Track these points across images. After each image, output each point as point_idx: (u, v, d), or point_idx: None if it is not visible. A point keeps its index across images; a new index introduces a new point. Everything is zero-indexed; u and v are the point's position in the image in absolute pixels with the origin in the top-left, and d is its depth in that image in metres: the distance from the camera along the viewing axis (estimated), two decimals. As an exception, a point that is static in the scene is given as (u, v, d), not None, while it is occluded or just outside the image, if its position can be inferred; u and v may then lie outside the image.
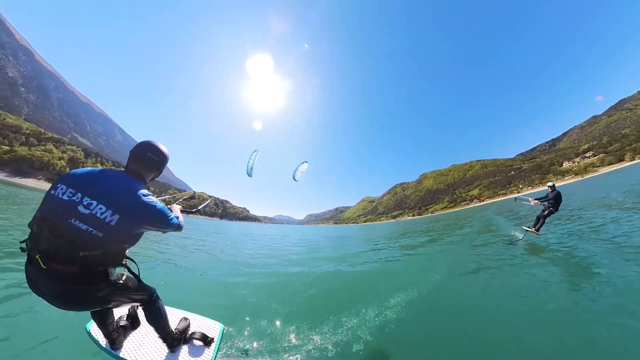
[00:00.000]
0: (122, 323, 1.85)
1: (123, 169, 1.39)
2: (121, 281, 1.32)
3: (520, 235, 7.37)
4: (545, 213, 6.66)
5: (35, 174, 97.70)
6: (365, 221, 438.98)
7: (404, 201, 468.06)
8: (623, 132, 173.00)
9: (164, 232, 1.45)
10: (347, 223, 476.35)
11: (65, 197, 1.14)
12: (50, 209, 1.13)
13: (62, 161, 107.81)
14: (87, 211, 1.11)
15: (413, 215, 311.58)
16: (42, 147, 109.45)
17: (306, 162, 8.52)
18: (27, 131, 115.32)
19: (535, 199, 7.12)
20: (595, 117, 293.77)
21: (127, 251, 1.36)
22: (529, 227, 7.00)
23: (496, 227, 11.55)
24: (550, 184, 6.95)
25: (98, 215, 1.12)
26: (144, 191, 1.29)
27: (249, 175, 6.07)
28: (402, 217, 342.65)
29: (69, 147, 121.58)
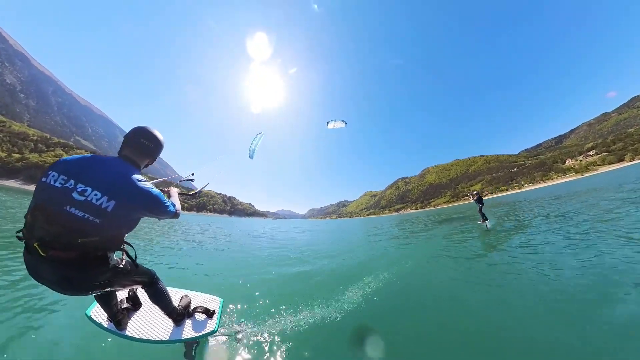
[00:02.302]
0: (124, 305, 1.92)
1: (116, 155, 1.36)
2: (121, 265, 1.33)
3: (485, 226, 10.48)
4: (479, 209, 10.45)
5: None
6: (368, 215, 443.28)
7: (407, 195, 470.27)
8: (628, 131, 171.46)
9: (160, 219, 1.43)
10: (350, 217, 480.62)
11: (57, 185, 1.12)
12: (43, 197, 1.11)
13: None
14: (82, 198, 1.10)
15: (416, 209, 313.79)
16: (52, 153, 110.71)
17: (345, 122, 8.51)
18: (35, 137, 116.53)
19: (472, 198, 11.15)
20: (605, 114, 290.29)
21: (125, 236, 1.35)
22: (480, 221, 10.69)
23: (473, 221, 14.31)
24: (475, 192, 10.90)
25: (94, 201, 1.11)
26: (139, 177, 1.28)
27: (251, 157, 5.80)
28: (405, 210, 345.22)
29: (78, 151, 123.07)
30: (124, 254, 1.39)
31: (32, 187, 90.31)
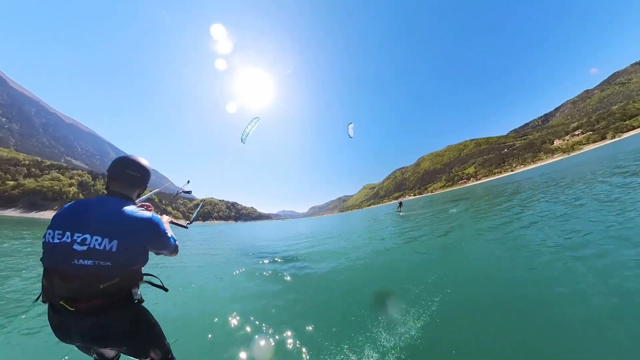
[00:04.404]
0: None
1: (104, 194, 1.35)
2: (141, 299, 1.33)
3: (399, 213, 19.10)
4: (399, 206, 21.48)
5: (50, 205, 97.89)
6: (369, 205, 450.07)
7: (404, 183, 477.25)
8: (612, 109, 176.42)
9: (158, 253, 1.40)
10: (352, 210, 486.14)
11: (56, 241, 1.12)
12: (48, 258, 1.14)
13: (73, 188, 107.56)
14: (85, 247, 1.11)
15: (414, 195, 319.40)
16: (48, 176, 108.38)
17: (351, 123, 10.94)
18: (26, 162, 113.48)
19: (400, 206, 21.38)
20: (587, 91, 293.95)
21: (142, 269, 1.36)
22: (397, 210, 20.72)
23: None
24: (400, 200, 24.37)
25: (97, 247, 1.12)
26: (133, 207, 1.27)
27: (242, 142, 5.54)
28: (404, 197, 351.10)
29: (74, 172, 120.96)
30: (140, 289, 1.38)
31: (33, 215, 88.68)
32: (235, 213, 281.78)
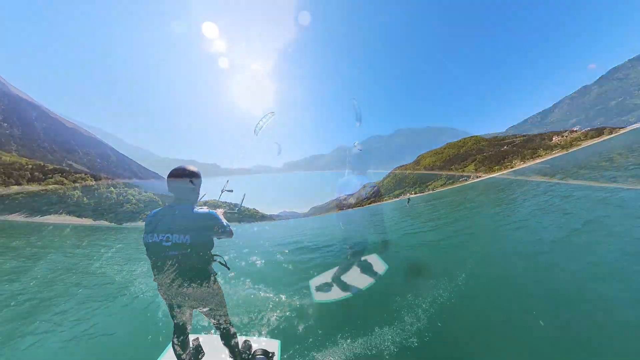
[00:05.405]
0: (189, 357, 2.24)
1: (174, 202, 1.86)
2: (215, 272, 1.91)
3: (407, 205, 24.23)
4: (407, 201, 27.30)
5: (54, 209, 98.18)
6: (369, 203, 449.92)
7: (404, 181, 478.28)
8: (609, 104, 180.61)
9: (219, 238, 1.94)
10: (353, 208, 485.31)
11: (150, 241, 1.70)
12: (150, 253, 1.72)
13: (77, 191, 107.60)
14: (170, 243, 1.67)
15: (415, 193, 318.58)
16: (52, 180, 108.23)
17: (357, 141, 12.50)
18: (29, 166, 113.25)
19: (408, 201, 26.57)
20: (585, 87, 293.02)
21: (211, 251, 1.90)
22: (407, 204, 25.55)
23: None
24: (407, 196, 30.54)
25: (178, 241, 1.67)
26: (194, 207, 1.80)
27: (255, 134, 5.91)
28: (405, 195, 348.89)
29: (77, 175, 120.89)
30: (218, 262, 1.98)
31: (37, 219, 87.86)
32: (238, 214, 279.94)
